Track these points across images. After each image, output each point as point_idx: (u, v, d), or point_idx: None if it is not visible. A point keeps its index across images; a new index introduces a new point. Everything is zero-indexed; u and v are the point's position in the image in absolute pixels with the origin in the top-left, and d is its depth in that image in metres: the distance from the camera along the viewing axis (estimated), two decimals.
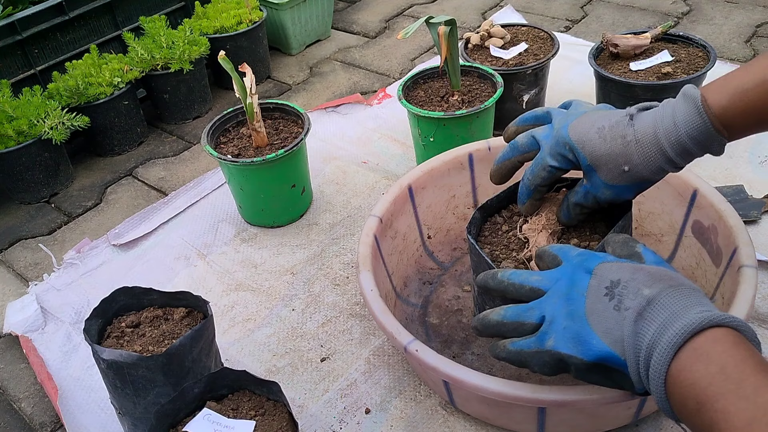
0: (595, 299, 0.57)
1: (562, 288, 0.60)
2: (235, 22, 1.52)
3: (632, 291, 0.55)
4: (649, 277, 0.55)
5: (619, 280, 0.56)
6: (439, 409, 0.83)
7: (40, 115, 1.25)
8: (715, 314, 0.50)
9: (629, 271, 0.57)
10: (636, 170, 0.67)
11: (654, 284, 0.54)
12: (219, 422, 0.70)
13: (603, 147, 0.68)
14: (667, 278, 0.55)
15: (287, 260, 1.09)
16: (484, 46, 1.31)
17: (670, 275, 0.56)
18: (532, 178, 0.74)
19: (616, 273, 0.57)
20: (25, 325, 1.02)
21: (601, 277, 0.58)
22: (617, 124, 0.68)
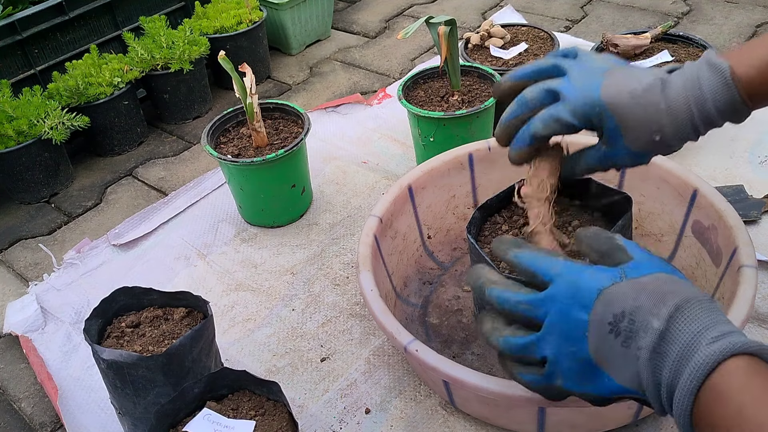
0: (599, 338, 0.51)
1: (558, 326, 0.53)
2: (235, 22, 1.52)
3: (641, 325, 0.49)
4: (653, 299, 0.50)
5: (623, 312, 0.50)
6: (439, 409, 0.83)
7: (40, 115, 1.25)
8: (728, 343, 0.46)
9: (631, 298, 0.51)
10: (665, 138, 0.64)
11: (661, 309, 0.49)
12: (219, 422, 0.70)
13: (636, 113, 0.63)
14: (671, 294, 0.50)
15: (287, 260, 1.09)
16: (484, 46, 1.31)
17: (672, 287, 0.51)
18: (540, 128, 0.66)
19: (619, 304, 0.51)
20: (25, 325, 1.02)
21: (602, 313, 0.51)
22: (650, 88, 0.63)
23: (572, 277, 0.53)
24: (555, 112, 0.65)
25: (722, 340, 0.46)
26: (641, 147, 0.65)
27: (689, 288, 0.51)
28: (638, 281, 0.52)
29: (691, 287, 0.52)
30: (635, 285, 0.51)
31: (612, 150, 0.66)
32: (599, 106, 0.64)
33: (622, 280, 0.52)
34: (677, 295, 0.50)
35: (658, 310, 0.49)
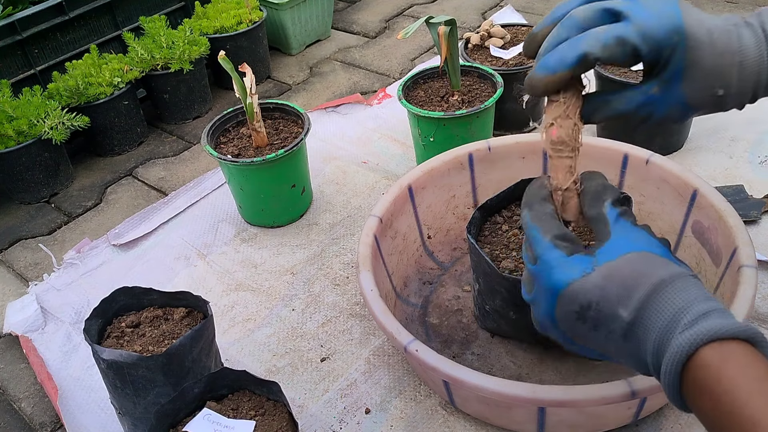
0: (568, 323, 0.53)
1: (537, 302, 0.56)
2: (235, 22, 1.52)
3: (609, 314, 0.50)
4: (622, 288, 0.50)
5: (590, 303, 0.51)
6: (439, 409, 0.83)
7: (40, 115, 1.25)
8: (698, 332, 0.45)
9: (599, 288, 0.51)
10: (727, 98, 0.56)
11: (630, 298, 0.49)
12: (219, 422, 0.70)
13: (711, 57, 0.54)
14: (642, 278, 0.50)
15: (287, 260, 1.09)
16: (484, 46, 1.31)
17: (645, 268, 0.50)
18: (596, 48, 0.53)
19: (585, 295, 0.51)
20: (25, 325, 1.02)
21: (568, 304, 0.52)
22: (726, 34, 0.55)
23: (547, 264, 0.54)
24: (620, 32, 0.53)
25: (694, 327, 0.46)
26: (696, 100, 0.56)
27: (663, 267, 0.50)
28: (609, 268, 0.51)
29: (664, 265, 0.50)
30: (605, 273, 0.51)
31: (663, 95, 0.56)
32: (679, 34, 0.53)
33: (593, 270, 0.52)
34: (648, 278, 0.49)
35: (627, 300, 0.49)
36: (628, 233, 0.53)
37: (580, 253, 0.54)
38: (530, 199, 0.60)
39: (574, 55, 0.54)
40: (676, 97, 0.56)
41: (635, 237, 0.53)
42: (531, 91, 0.57)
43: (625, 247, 0.52)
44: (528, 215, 0.58)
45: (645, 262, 0.51)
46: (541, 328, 0.57)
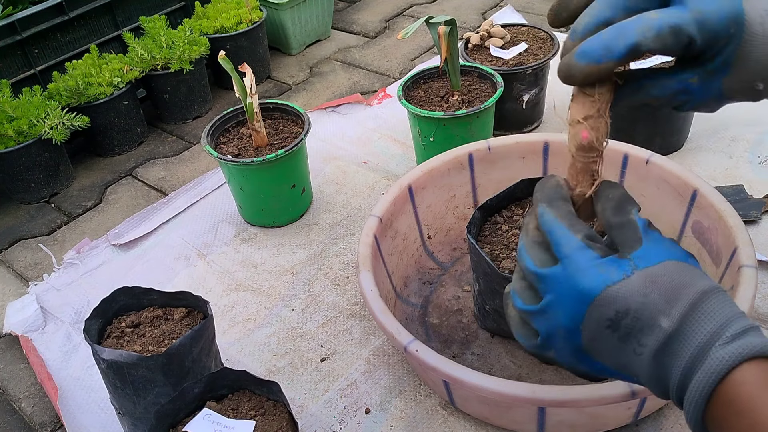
0: (595, 332, 0.49)
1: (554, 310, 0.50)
2: (235, 22, 1.52)
3: (646, 323, 0.46)
4: (664, 296, 0.46)
5: (628, 309, 0.47)
6: (439, 409, 0.83)
7: (40, 115, 1.25)
8: (742, 346, 0.43)
9: (640, 294, 0.47)
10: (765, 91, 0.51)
11: (673, 308, 0.46)
12: (219, 422, 0.70)
13: (760, 51, 0.49)
14: (685, 288, 0.46)
15: (287, 260, 1.09)
16: (484, 46, 1.31)
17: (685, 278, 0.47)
18: (648, 38, 0.47)
19: (624, 301, 0.47)
20: (25, 325, 1.02)
21: (603, 309, 0.48)
22: None
23: (578, 266, 0.49)
24: (676, 20, 0.47)
25: (737, 341, 0.43)
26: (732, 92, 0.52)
27: (702, 278, 0.47)
28: (649, 273, 0.47)
29: (703, 277, 0.48)
30: (645, 279, 0.47)
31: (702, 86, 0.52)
32: (738, 24, 0.48)
33: (632, 274, 0.48)
34: (691, 288, 0.46)
35: (669, 309, 0.46)
36: (662, 241, 0.50)
37: (614, 256, 0.49)
38: (548, 195, 0.54)
39: (624, 45, 0.47)
40: (715, 89, 0.52)
41: (669, 246, 0.50)
42: (566, 80, 0.51)
43: (663, 255, 0.49)
44: (549, 212, 0.52)
45: (685, 271, 0.48)
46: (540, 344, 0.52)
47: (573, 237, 0.50)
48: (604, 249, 0.50)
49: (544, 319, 0.51)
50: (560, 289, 0.50)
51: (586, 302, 0.48)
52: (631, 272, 0.48)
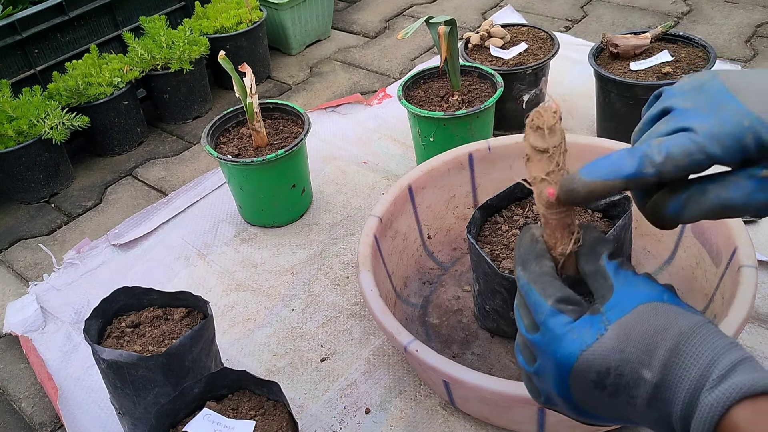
0: (583, 393, 0.48)
1: (543, 375, 0.50)
2: (235, 22, 1.52)
3: (630, 378, 0.46)
4: (641, 347, 0.46)
5: (608, 368, 0.46)
6: (439, 409, 0.83)
7: (40, 115, 1.25)
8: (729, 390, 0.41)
9: (616, 351, 0.46)
10: None
11: (652, 358, 0.45)
12: (219, 422, 0.70)
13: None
14: (661, 334, 0.45)
15: (287, 260, 1.09)
16: (484, 46, 1.31)
17: (661, 321, 0.46)
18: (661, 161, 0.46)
19: (602, 362, 0.46)
20: (25, 325, 1.02)
21: (583, 372, 0.47)
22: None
23: (553, 334, 0.49)
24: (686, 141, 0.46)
25: (724, 383, 0.42)
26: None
27: (679, 316, 0.46)
28: (622, 325, 0.47)
29: (680, 314, 0.46)
30: (619, 333, 0.47)
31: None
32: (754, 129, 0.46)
33: (606, 330, 0.47)
34: (668, 333, 0.45)
35: (649, 359, 0.45)
36: (632, 283, 0.49)
37: (587, 314, 0.49)
38: (524, 255, 0.54)
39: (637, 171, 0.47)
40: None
41: (640, 287, 0.49)
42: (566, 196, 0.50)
43: (634, 299, 0.48)
44: (523, 276, 0.53)
45: (659, 314, 0.47)
46: (544, 402, 0.52)
47: (545, 303, 0.50)
48: (577, 310, 0.50)
49: (539, 381, 0.51)
50: (543, 357, 0.50)
51: (566, 370, 0.48)
52: (605, 329, 0.47)
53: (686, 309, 0.47)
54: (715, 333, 0.45)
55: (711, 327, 0.45)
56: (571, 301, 0.50)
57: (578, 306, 0.50)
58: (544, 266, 0.53)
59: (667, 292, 0.48)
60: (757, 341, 0.86)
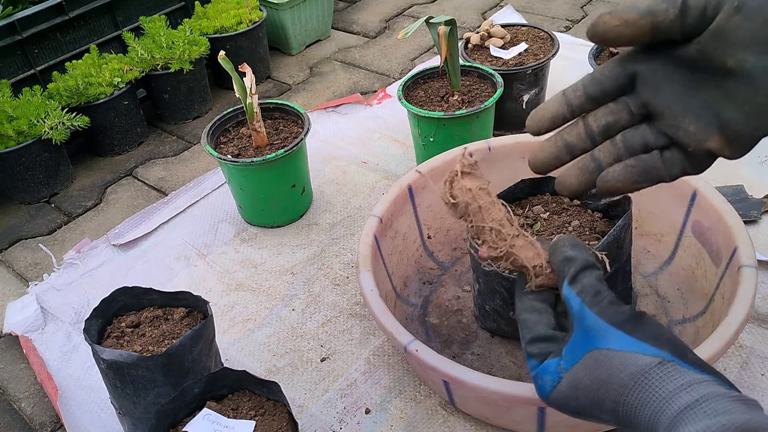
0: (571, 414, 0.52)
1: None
2: (235, 22, 1.52)
3: (595, 419, 0.50)
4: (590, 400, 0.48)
5: (575, 409, 0.50)
6: (439, 409, 0.83)
7: (40, 115, 1.25)
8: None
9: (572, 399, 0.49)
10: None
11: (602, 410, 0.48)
12: (219, 422, 0.70)
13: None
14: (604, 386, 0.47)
15: (287, 260, 1.09)
16: (484, 46, 1.31)
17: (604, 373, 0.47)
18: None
19: (566, 405, 0.50)
20: (25, 325, 1.02)
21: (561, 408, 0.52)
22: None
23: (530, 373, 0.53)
24: None
25: None
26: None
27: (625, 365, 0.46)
28: (573, 377, 0.49)
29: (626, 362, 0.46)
30: (570, 384, 0.49)
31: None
32: None
33: (561, 380, 0.50)
34: (610, 386, 0.46)
35: (600, 410, 0.48)
36: (585, 323, 0.49)
37: (550, 357, 0.51)
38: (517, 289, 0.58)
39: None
40: None
41: (592, 327, 0.49)
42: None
43: (584, 346, 0.49)
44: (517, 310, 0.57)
45: (603, 364, 0.47)
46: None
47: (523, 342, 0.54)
48: (544, 352, 0.52)
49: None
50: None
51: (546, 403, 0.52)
52: (559, 378, 0.50)
53: (636, 352, 0.46)
54: (661, 378, 0.44)
55: (658, 371, 0.45)
56: (541, 338, 0.53)
57: (549, 343, 0.52)
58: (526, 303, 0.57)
59: (617, 332, 0.48)
60: (757, 341, 0.86)
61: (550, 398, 0.51)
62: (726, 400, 0.41)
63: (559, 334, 0.53)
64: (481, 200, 0.58)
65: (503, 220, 0.57)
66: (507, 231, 0.57)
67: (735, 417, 0.39)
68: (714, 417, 0.40)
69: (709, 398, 0.42)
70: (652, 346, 0.46)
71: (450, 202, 0.58)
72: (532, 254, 0.56)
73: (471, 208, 0.57)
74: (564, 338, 0.51)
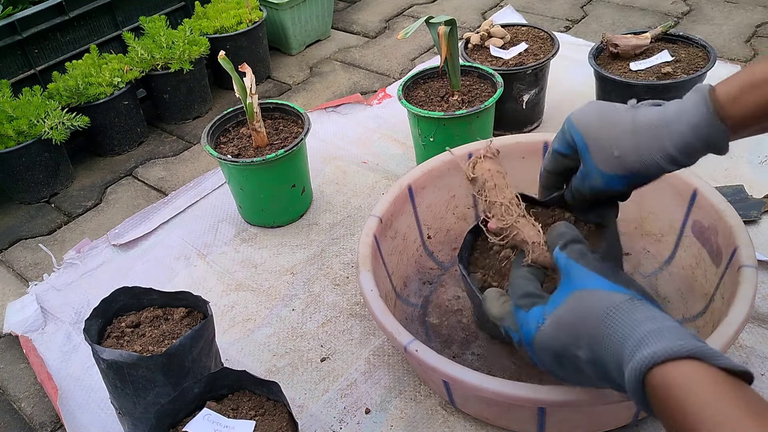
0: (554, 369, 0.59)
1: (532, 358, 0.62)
2: (235, 22, 1.52)
3: (573, 358, 0.56)
4: (570, 334, 0.55)
5: (555, 352, 0.57)
6: (439, 409, 0.83)
7: (40, 115, 1.25)
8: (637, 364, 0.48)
9: (553, 338, 0.57)
10: (625, 158, 0.64)
11: (579, 341, 0.54)
12: (219, 422, 0.70)
13: (597, 127, 0.66)
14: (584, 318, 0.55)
15: (287, 260, 1.09)
16: (484, 46, 1.31)
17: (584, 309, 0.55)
18: (543, 164, 0.75)
19: (550, 348, 0.57)
20: (25, 325, 1.02)
21: (542, 354, 0.59)
22: (619, 109, 0.66)
23: (517, 324, 0.61)
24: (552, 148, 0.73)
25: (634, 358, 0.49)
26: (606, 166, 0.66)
27: (600, 300, 0.54)
28: (556, 316, 0.57)
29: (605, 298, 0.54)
30: (552, 323, 0.57)
31: (585, 169, 0.69)
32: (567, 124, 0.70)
33: (545, 320, 0.57)
34: (588, 318, 0.54)
35: (578, 342, 0.54)
36: (570, 272, 0.58)
37: (537, 305, 0.59)
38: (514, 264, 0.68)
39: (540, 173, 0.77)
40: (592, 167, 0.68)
41: (576, 275, 0.58)
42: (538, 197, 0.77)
43: (567, 289, 0.57)
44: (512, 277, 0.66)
45: (583, 300, 0.55)
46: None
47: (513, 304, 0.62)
48: (531, 301, 0.60)
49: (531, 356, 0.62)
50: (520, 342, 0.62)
51: (533, 352, 0.59)
52: (543, 320, 0.58)
53: (611, 290, 0.55)
54: (629, 310, 0.52)
55: (628, 305, 0.53)
56: (530, 295, 0.61)
57: (536, 298, 0.60)
58: (520, 273, 0.65)
59: (597, 277, 0.56)
60: (757, 341, 0.86)
61: (535, 340, 0.58)
62: (683, 330, 0.50)
63: (544, 293, 0.61)
64: (497, 180, 0.69)
65: (512, 200, 0.68)
66: (514, 210, 0.67)
67: (691, 342, 0.47)
68: (674, 341, 0.47)
69: (670, 328, 0.50)
70: (624, 288, 0.55)
71: (470, 177, 0.70)
72: (533, 233, 0.66)
73: (487, 185, 0.68)
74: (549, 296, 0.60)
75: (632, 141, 0.64)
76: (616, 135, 0.65)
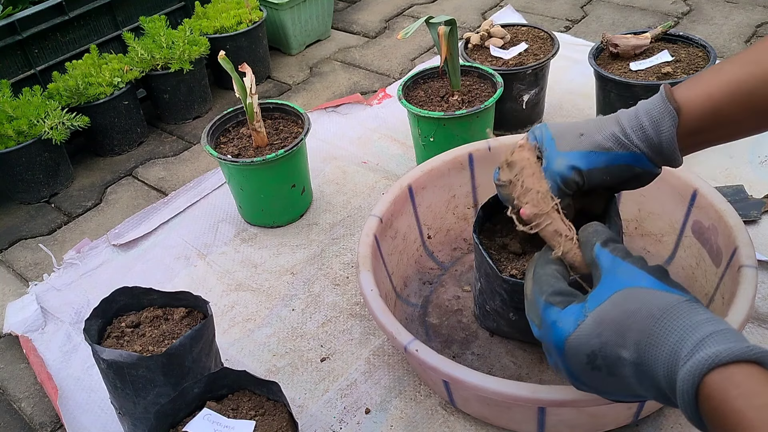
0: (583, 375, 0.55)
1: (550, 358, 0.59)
2: (235, 22, 1.52)
3: (614, 359, 0.52)
4: (615, 332, 0.52)
5: (593, 351, 0.53)
6: (439, 409, 0.83)
7: (40, 115, 1.25)
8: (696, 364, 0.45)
9: (595, 336, 0.53)
10: (588, 134, 0.68)
11: (626, 340, 0.51)
12: (219, 422, 0.70)
13: (567, 124, 0.70)
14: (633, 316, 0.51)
15: (287, 260, 1.09)
16: (484, 46, 1.31)
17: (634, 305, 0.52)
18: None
19: (585, 346, 0.54)
20: (25, 325, 1.02)
21: (575, 357, 0.55)
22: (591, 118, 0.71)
23: (547, 323, 0.58)
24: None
25: (693, 358, 0.46)
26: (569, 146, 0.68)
27: (653, 299, 0.52)
28: (600, 312, 0.53)
29: (655, 297, 0.52)
30: (595, 320, 0.53)
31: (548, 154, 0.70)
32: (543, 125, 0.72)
33: (585, 317, 0.54)
34: (638, 316, 0.51)
35: (623, 341, 0.51)
36: (617, 270, 0.56)
37: (574, 303, 0.56)
38: (534, 265, 0.64)
39: None
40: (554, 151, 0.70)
41: (623, 273, 0.55)
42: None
43: (613, 286, 0.54)
44: (530, 282, 0.63)
45: (633, 298, 0.53)
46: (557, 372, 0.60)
47: (540, 299, 0.59)
48: (566, 300, 0.57)
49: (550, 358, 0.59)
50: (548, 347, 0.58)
51: (562, 354, 0.56)
52: (584, 317, 0.54)
53: (665, 290, 0.52)
54: (687, 311, 0.50)
55: (686, 306, 0.50)
56: (563, 293, 0.58)
57: (570, 297, 0.58)
58: (547, 269, 0.62)
59: (648, 276, 0.54)
60: (757, 341, 0.86)
61: (571, 338, 0.54)
62: (741, 336, 0.47)
63: (577, 292, 0.59)
64: (535, 169, 0.68)
65: (548, 192, 0.67)
66: (549, 201, 0.66)
67: (757, 347, 0.45)
68: (739, 343, 0.45)
69: (733, 332, 0.47)
70: (678, 290, 0.53)
71: (509, 160, 0.70)
72: (565, 227, 0.65)
73: (525, 171, 0.68)
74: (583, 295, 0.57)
75: (597, 122, 0.69)
76: (583, 123, 0.70)
